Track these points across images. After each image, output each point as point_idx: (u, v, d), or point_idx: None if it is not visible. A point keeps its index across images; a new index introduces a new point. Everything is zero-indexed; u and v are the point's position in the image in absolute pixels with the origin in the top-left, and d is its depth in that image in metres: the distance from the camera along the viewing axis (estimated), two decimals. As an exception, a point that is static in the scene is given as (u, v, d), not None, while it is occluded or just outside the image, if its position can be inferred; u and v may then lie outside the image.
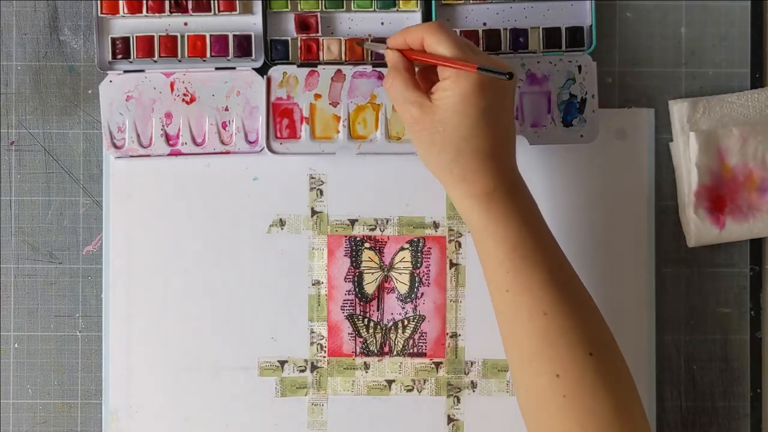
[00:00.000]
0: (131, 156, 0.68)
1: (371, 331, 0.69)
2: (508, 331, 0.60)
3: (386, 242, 0.70)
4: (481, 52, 0.63)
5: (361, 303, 0.69)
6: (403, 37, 0.62)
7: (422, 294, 0.69)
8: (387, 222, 0.69)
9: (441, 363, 0.69)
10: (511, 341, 0.59)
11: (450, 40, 0.59)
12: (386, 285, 0.69)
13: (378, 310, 0.69)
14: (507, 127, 0.60)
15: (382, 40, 0.67)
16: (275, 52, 0.68)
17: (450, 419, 0.69)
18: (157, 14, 0.67)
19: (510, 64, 0.60)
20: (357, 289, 0.69)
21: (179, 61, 0.68)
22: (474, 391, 0.69)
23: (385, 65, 0.68)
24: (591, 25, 0.68)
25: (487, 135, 0.59)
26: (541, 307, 0.58)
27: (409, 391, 0.69)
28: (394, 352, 0.69)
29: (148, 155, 0.68)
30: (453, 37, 0.60)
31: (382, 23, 0.69)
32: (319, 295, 0.69)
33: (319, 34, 0.68)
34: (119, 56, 0.67)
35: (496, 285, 0.60)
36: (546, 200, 0.69)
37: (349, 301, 0.69)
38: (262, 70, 0.68)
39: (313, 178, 0.69)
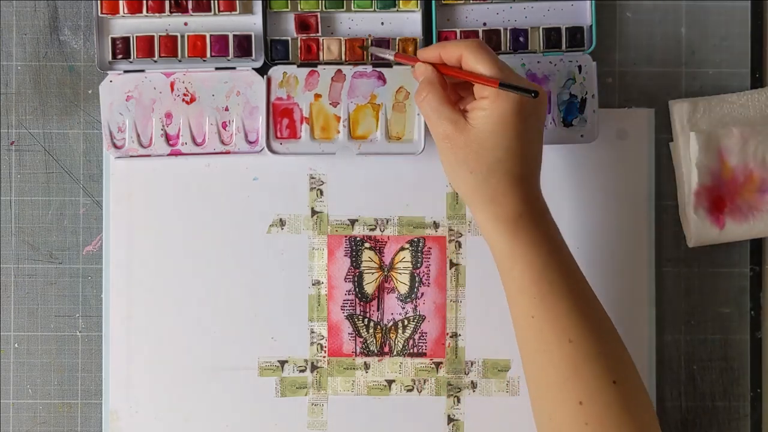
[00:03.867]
0: (131, 156, 0.68)
1: (371, 331, 0.69)
2: (531, 358, 0.59)
3: (386, 242, 0.69)
4: (520, 76, 0.61)
5: (361, 303, 0.69)
6: (438, 51, 0.61)
7: (422, 294, 0.69)
8: (387, 222, 0.69)
9: (441, 363, 0.69)
10: (535, 368, 0.59)
11: (490, 60, 0.58)
12: (386, 285, 0.69)
13: (378, 310, 0.69)
14: (538, 152, 0.60)
15: (381, 44, 0.67)
16: (275, 52, 0.68)
17: (450, 419, 0.69)
18: (157, 14, 0.67)
19: (540, 86, 0.59)
20: (357, 289, 0.69)
21: (179, 61, 0.68)
22: (474, 391, 0.69)
23: (385, 65, 0.68)
24: (591, 25, 0.68)
25: (520, 158, 0.58)
26: (566, 335, 0.57)
27: (409, 391, 0.69)
28: (394, 352, 0.69)
29: (148, 155, 0.68)
30: (493, 57, 0.59)
31: (382, 23, 0.69)
32: (319, 295, 0.69)
33: (319, 34, 0.68)
34: (119, 56, 0.67)
35: (520, 310, 0.59)
36: (546, 200, 0.69)
37: (349, 301, 0.69)
38: (262, 70, 0.68)
39: (313, 178, 0.69)
